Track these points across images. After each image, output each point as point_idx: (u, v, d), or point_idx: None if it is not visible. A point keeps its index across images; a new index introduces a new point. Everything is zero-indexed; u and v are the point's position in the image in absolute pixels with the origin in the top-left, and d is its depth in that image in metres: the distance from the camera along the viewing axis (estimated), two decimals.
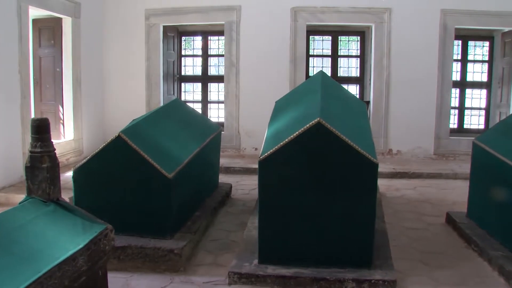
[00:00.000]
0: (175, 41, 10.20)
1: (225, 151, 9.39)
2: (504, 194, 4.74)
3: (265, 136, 4.48)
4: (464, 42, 10.19)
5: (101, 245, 2.66)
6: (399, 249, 4.86)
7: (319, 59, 10.30)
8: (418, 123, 9.44)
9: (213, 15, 9.54)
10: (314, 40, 10.26)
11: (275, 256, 4.10)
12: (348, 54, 10.38)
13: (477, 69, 10.42)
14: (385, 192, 7.24)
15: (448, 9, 9.31)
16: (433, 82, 9.41)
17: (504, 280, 4.13)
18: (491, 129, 5.81)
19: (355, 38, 10.21)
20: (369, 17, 9.42)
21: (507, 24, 9.50)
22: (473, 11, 9.30)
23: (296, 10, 9.36)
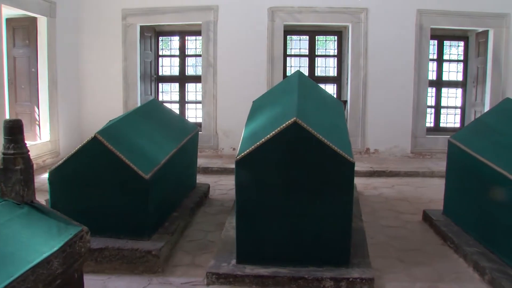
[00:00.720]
0: (152, 41, 10.15)
1: (203, 151, 9.37)
2: (478, 191, 4.81)
3: (242, 136, 4.47)
4: (439, 42, 10.33)
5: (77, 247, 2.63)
6: (377, 247, 4.89)
7: (296, 58, 10.33)
8: (395, 122, 9.54)
9: (190, 15, 9.51)
10: (291, 40, 10.28)
11: (253, 256, 4.09)
12: (325, 54, 10.42)
13: (452, 68, 10.58)
14: (362, 191, 7.29)
15: (423, 9, 9.42)
16: (409, 81, 9.51)
17: (479, 276, 4.21)
18: (466, 127, 5.89)
19: (332, 38, 10.27)
20: (346, 17, 9.47)
21: (481, 25, 9.66)
22: (448, 12, 9.43)
23: (273, 10, 9.37)
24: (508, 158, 4.46)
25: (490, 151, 4.73)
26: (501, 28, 9.55)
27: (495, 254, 4.40)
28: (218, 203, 6.48)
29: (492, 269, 4.11)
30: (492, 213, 4.53)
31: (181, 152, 5.59)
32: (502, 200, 4.32)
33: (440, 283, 4.10)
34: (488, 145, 4.86)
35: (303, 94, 4.76)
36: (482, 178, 4.70)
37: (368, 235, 5.05)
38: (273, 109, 4.71)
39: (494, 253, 4.42)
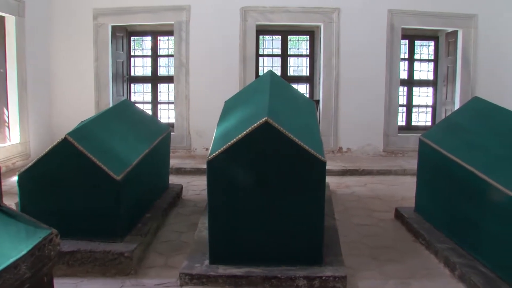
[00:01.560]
0: (124, 41, 10.07)
1: (176, 152, 9.34)
2: (448, 189, 4.89)
3: (214, 137, 4.46)
4: (411, 41, 10.48)
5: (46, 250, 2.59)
6: (350, 245, 4.93)
7: (269, 58, 10.37)
8: (367, 121, 9.63)
9: (163, 15, 9.46)
10: (264, 40, 10.30)
11: (226, 256, 4.08)
12: (297, 54, 10.46)
13: (423, 67, 10.73)
14: (335, 190, 7.32)
15: (395, 9, 9.54)
16: (381, 80, 9.62)
17: (449, 271, 4.28)
18: (436, 126, 5.97)
19: (305, 38, 10.32)
20: (318, 16, 9.52)
21: (450, 25, 9.84)
22: (419, 12, 9.57)
23: (245, 10, 9.38)
24: (477, 155, 4.54)
25: (459, 149, 4.80)
26: (469, 29, 9.73)
27: (465, 249, 4.47)
28: (191, 204, 6.45)
29: (462, 264, 4.19)
30: (461, 209, 4.60)
31: (153, 153, 5.56)
32: (471, 197, 4.40)
33: (412, 280, 4.15)
34: (457, 143, 4.94)
35: (274, 93, 4.76)
36: (452, 175, 4.77)
37: (341, 234, 5.08)
38: (245, 109, 4.71)
39: (464, 248, 4.49)
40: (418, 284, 4.09)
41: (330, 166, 8.42)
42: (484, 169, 4.27)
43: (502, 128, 4.76)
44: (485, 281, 3.86)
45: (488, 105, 5.29)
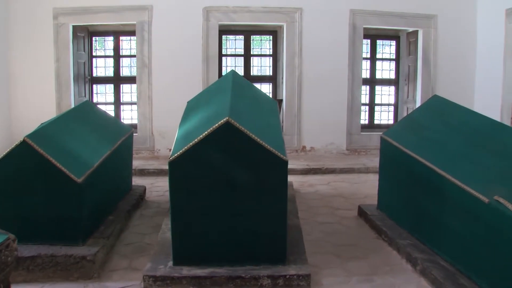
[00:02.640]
0: (85, 42, 9.91)
1: (139, 153, 9.26)
2: (409, 186, 4.97)
3: (176, 137, 4.44)
4: (372, 41, 10.61)
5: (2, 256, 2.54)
6: (313, 243, 4.97)
7: (232, 58, 10.34)
8: (330, 120, 9.72)
9: (125, 14, 9.36)
10: (227, 40, 10.28)
11: (190, 257, 4.07)
12: (260, 53, 10.48)
13: (385, 67, 10.86)
14: (299, 189, 7.36)
15: (356, 9, 9.66)
16: (343, 79, 9.72)
17: (411, 267, 4.37)
18: (397, 124, 6.05)
19: (268, 38, 10.33)
20: (281, 16, 9.56)
21: (411, 25, 10.03)
22: (380, 12, 9.72)
23: (208, 10, 9.35)
24: (436, 152, 4.63)
25: (420, 146, 4.89)
26: (429, 29, 9.93)
27: (426, 245, 4.58)
28: (155, 205, 6.40)
29: (423, 259, 4.28)
30: (422, 206, 4.69)
31: (116, 154, 5.50)
32: (431, 193, 4.48)
33: (375, 276, 4.22)
34: (418, 140, 5.02)
35: (236, 93, 4.77)
36: (413, 172, 4.86)
37: (304, 232, 5.11)
38: (207, 109, 4.70)
39: (425, 244, 4.60)
40: (381, 280, 4.15)
41: (294, 165, 8.49)
42: (443, 165, 4.36)
43: (460, 125, 4.87)
44: (445, 274, 3.96)
45: (447, 103, 5.40)
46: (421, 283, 4.08)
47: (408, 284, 4.08)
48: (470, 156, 4.34)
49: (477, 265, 3.82)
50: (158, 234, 4.99)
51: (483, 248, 3.75)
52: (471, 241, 3.90)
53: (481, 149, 4.35)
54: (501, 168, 3.99)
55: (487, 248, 3.69)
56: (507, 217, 3.41)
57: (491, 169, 4.03)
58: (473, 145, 4.46)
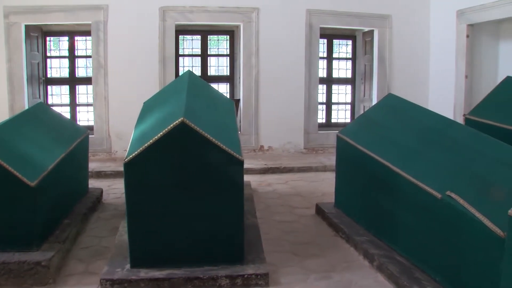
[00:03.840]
0: (39, 42, 9.69)
1: (96, 155, 9.13)
2: (365, 183, 5.05)
3: (131, 138, 4.40)
4: (329, 40, 10.70)
5: None
6: (271, 242, 4.99)
7: (189, 58, 10.29)
8: (288, 119, 9.76)
9: (79, 14, 9.17)
10: (184, 40, 10.23)
11: (148, 259, 4.03)
12: (218, 53, 10.46)
13: (342, 66, 10.98)
14: (257, 188, 7.38)
15: (313, 9, 9.72)
16: (300, 79, 9.78)
17: (368, 262, 4.46)
18: (353, 122, 6.15)
19: (225, 37, 10.31)
20: (238, 16, 9.55)
21: (367, 25, 10.18)
22: (337, 12, 9.82)
23: (164, 10, 9.27)
24: (391, 150, 4.72)
25: (375, 144, 4.97)
26: (384, 28, 10.09)
27: (382, 241, 4.66)
28: (112, 207, 6.31)
29: (380, 255, 4.37)
30: (378, 203, 4.77)
31: (71, 157, 5.40)
32: (386, 190, 4.56)
33: (332, 273, 4.27)
34: (372, 138, 5.11)
35: (192, 93, 4.74)
36: (368, 170, 4.94)
37: (262, 231, 5.13)
38: (162, 110, 4.67)
39: (382, 240, 4.69)
40: (339, 276, 4.20)
41: (252, 164, 8.51)
42: (397, 162, 4.45)
43: (414, 123, 4.97)
44: (401, 269, 4.05)
45: (401, 101, 5.51)
46: (378, 279, 4.15)
47: (366, 280, 4.15)
48: (424, 153, 4.43)
49: (432, 259, 3.92)
50: (115, 236, 4.92)
51: (436, 242, 3.85)
52: (425, 236, 4.00)
53: (434, 146, 4.45)
54: (453, 164, 4.09)
55: (441, 242, 3.79)
56: (459, 212, 3.49)
57: (443, 165, 4.13)
58: (426, 142, 4.56)
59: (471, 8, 8.96)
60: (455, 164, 4.08)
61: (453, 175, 3.94)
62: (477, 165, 3.94)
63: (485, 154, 4.03)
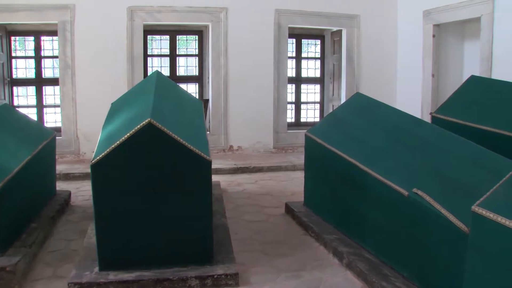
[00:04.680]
0: (4, 41, 9.51)
1: (64, 157, 9.01)
2: (333, 181, 5.09)
3: (99, 140, 4.35)
4: (298, 40, 10.76)
5: None
6: (241, 242, 4.99)
7: (158, 58, 10.23)
8: (257, 119, 9.80)
9: (46, 13, 9.02)
10: (152, 40, 10.17)
11: (116, 262, 3.99)
12: (186, 53, 10.42)
13: (310, 65, 11.05)
14: (226, 188, 7.37)
15: (281, 9, 9.77)
16: (269, 79, 9.82)
17: (338, 260, 4.50)
18: (321, 121, 6.19)
19: (193, 37, 10.28)
20: (206, 16, 9.54)
21: (335, 25, 10.28)
22: (305, 12, 9.89)
23: (132, 10, 9.20)
24: (358, 148, 4.77)
25: (342, 142, 5.01)
26: (352, 28, 10.21)
27: (351, 239, 4.72)
28: (81, 210, 6.22)
29: (349, 253, 4.42)
30: (347, 201, 4.82)
31: (37, 159, 5.31)
32: (355, 188, 4.60)
33: (302, 272, 4.29)
34: (340, 137, 5.15)
35: (160, 94, 4.72)
36: (337, 168, 4.98)
37: (232, 231, 5.14)
38: (130, 111, 4.62)
39: (351, 238, 4.74)
40: (309, 275, 4.23)
41: (221, 164, 8.51)
42: (364, 161, 4.50)
43: (381, 121, 5.03)
44: (370, 266, 4.11)
45: (368, 100, 5.57)
46: (347, 276, 4.19)
47: (335, 277, 4.18)
48: (391, 151, 4.49)
49: (399, 255, 3.98)
50: (84, 239, 4.86)
51: (404, 239, 3.91)
52: (393, 233, 4.06)
53: (401, 144, 4.52)
54: (419, 162, 4.16)
55: (408, 239, 3.85)
56: (425, 209, 3.55)
57: (410, 163, 4.19)
58: (393, 141, 4.62)
59: (436, 8, 9.13)
60: (422, 162, 4.14)
61: (419, 173, 4.00)
62: (443, 163, 4.01)
63: (451, 152, 4.12)
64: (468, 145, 4.12)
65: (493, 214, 2.63)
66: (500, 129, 4.80)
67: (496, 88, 5.58)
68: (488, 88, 5.65)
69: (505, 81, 5.64)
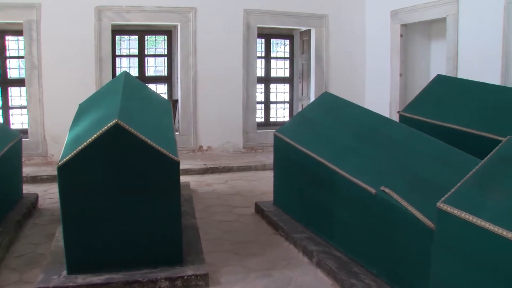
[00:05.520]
0: None
1: (31, 159, 8.86)
2: (302, 180, 5.12)
3: (65, 141, 4.30)
4: (267, 40, 10.80)
5: None
6: (211, 242, 4.99)
7: (126, 59, 10.16)
8: (226, 119, 9.79)
9: (10, 12, 8.82)
10: (121, 40, 10.07)
11: (85, 265, 3.93)
12: (155, 54, 10.37)
13: (280, 65, 11.10)
14: (196, 188, 7.36)
15: (250, 9, 9.78)
16: (238, 78, 9.83)
17: (308, 259, 4.54)
18: (290, 121, 6.23)
19: (162, 37, 10.23)
20: (175, 16, 9.49)
21: (304, 24, 10.34)
22: (274, 12, 9.93)
23: (100, 9, 9.09)
24: (326, 147, 4.81)
25: (311, 141, 5.05)
26: (321, 28, 10.28)
27: (321, 237, 4.76)
28: (49, 213, 6.11)
29: (319, 251, 4.46)
30: (316, 199, 4.85)
31: (2, 162, 5.21)
32: (323, 186, 4.64)
33: (273, 271, 4.31)
34: (309, 136, 5.19)
35: (128, 95, 4.68)
36: (305, 167, 5.01)
37: (202, 232, 5.14)
38: (97, 112, 4.57)
39: (320, 236, 4.78)
40: (279, 274, 4.25)
41: (191, 165, 8.49)
42: (333, 159, 4.54)
43: (349, 120, 5.09)
44: (339, 264, 4.16)
45: (336, 99, 5.62)
46: (317, 274, 4.23)
47: (305, 276, 4.22)
48: (359, 150, 4.54)
49: (368, 253, 4.04)
50: (52, 243, 4.77)
51: (372, 236, 3.96)
52: (362, 231, 4.11)
53: (368, 142, 4.57)
54: (387, 160, 4.22)
55: (376, 236, 3.91)
56: (393, 206, 3.60)
57: (378, 162, 4.24)
58: (361, 139, 4.67)
59: (403, 9, 9.25)
60: (389, 160, 4.20)
61: (387, 171, 4.06)
62: (410, 161, 4.08)
63: (418, 150, 4.19)
64: (435, 143, 4.19)
65: (457, 210, 2.68)
66: (466, 127, 4.88)
67: (461, 87, 5.68)
68: (454, 87, 5.74)
69: (470, 80, 5.75)
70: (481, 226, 2.54)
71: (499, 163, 2.91)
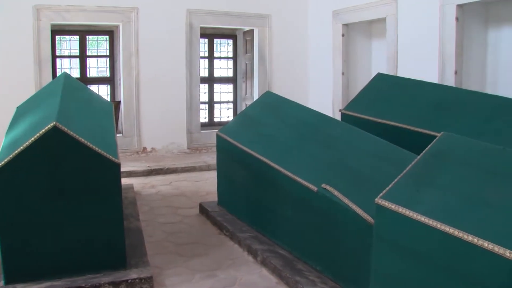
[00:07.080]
0: None
1: None
2: (245, 179, 5.16)
3: (2, 145, 4.18)
4: (210, 40, 10.78)
5: None
6: (155, 244, 4.97)
7: (67, 59, 9.91)
8: (170, 120, 9.74)
9: None
10: (61, 40, 9.85)
11: (24, 273, 3.80)
12: (97, 54, 10.17)
13: (223, 65, 11.11)
14: (140, 190, 7.30)
15: (193, 9, 9.76)
16: (182, 79, 9.80)
17: (253, 258, 4.58)
18: (232, 121, 6.24)
19: (104, 38, 10.05)
20: (117, 16, 9.35)
21: (247, 24, 10.41)
22: (217, 12, 9.95)
23: (38, 8, 8.83)
24: (269, 146, 4.85)
25: (254, 141, 5.09)
26: (264, 28, 10.36)
27: (266, 236, 4.80)
28: None
29: (263, 250, 4.51)
30: (259, 198, 4.90)
31: None
32: (266, 185, 4.68)
33: (218, 271, 4.34)
34: (251, 135, 5.23)
35: (67, 96, 4.57)
36: (248, 167, 5.05)
37: (146, 234, 5.12)
38: (35, 114, 4.45)
39: (265, 235, 4.82)
40: (224, 274, 4.28)
41: (135, 167, 8.42)
42: (275, 158, 4.59)
43: (291, 119, 5.15)
44: (284, 262, 4.21)
45: (278, 98, 5.68)
46: (262, 273, 4.28)
47: (250, 275, 4.26)
48: (300, 148, 4.61)
49: (312, 250, 4.11)
50: None
51: (315, 233, 4.03)
52: (305, 228, 4.18)
53: (310, 141, 4.64)
54: (328, 158, 4.29)
55: (319, 233, 3.98)
56: (334, 203, 3.68)
57: (319, 160, 4.32)
58: (302, 138, 4.74)
59: (345, 9, 9.43)
60: (330, 158, 4.28)
61: (328, 169, 4.14)
62: (351, 158, 4.17)
63: (358, 147, 4.29)
64: (374, 140, 4.30)
65: (395, 205, 2.76)
66: (404, 124, 5.01)
67: (401, 85, 5.82)
68: (394, 85, 5.88)
69: (409, 78, 5.92)
70: (417, 220, 2.63)
71: (434, 158, 3.02)
